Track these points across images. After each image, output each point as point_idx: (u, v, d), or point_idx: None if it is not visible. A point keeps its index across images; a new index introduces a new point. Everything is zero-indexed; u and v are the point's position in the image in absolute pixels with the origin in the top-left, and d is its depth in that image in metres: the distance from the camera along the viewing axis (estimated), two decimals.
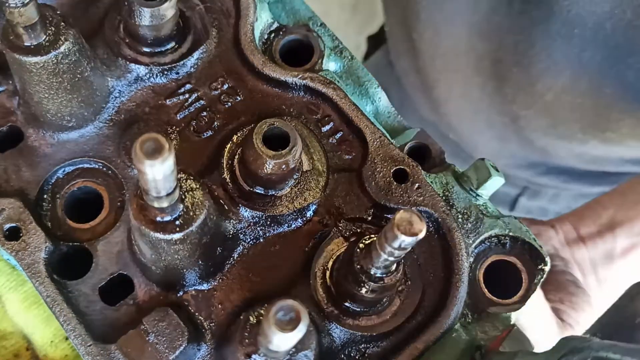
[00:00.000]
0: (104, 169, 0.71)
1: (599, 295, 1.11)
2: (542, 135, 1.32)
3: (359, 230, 0.68)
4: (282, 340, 0.46)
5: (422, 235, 0.52)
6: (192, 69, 0.74)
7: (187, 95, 0.74)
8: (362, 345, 0.66)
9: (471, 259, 0.70)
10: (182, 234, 0.57)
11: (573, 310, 1.06)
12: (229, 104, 0.74)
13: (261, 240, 0.68)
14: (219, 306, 0.66)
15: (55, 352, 0.69)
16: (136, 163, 0.47)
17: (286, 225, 0.69)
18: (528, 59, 1.17)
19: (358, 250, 0.60)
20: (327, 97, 0.73)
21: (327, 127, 0.73)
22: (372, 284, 0.60)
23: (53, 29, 0.64)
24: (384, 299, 0.64)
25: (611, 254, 1.12)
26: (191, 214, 0.57)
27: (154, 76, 0.73)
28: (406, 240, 0.53)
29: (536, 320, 1.01)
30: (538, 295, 1.04)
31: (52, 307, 0.64)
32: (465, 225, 0.71)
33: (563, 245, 1.14)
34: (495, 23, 1.17)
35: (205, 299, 0.66)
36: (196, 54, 0.74)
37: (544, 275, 0.70)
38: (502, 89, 1.27)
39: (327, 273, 0.65)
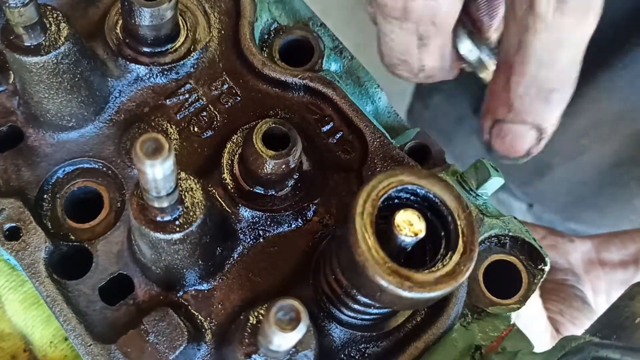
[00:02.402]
0: (104, 168, 0.71)
1: None
2: None
3: None
4: (283, 340, 0.46)
5: (422, 235, 0.52)
6: (192, 69, 0.74)
7: (187, 95, 0.74)
8: (362, 345, 0.66)
9: None
10: (182, 234, 0.57)
11: (572, 324, 1.05)
12: (229, 104, 0.74)
13: (261, 240, 0.68)
14: (219, 306, 0.66)
15: (54, 353, 0.69)
16: (136, 163, 0.47)
17: (286, 225, 0.69)
18: None
19: None
20: (327, 97, 0.73)
21: (327, 127, 0.73)
22: None
23: (53, 28, 0.64)
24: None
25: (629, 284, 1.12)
26: (191, 214, 0.57)
27: (154, 76, 0.73)
28: (406, 241, 0.53)
29: (531, 325, 1.01)
30: (536, 301, 1.04)
31: (52, 307, 0.64)
32: None
33: (579, 262, 1.13)
34: None
35: (205, 298, 0.66)
36: (196, 54, 0.74)
37: (544, 275, 0.70)
38: None
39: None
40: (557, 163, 1.41)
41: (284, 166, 0.63)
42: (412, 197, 0.54)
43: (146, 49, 0.73)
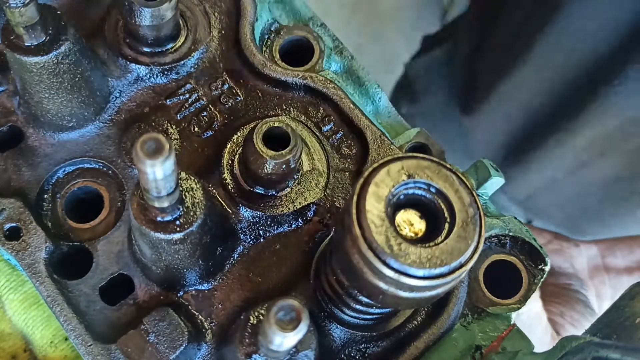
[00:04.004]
0: (104, 168, 0.71)
1: None
2: None
3: None
4: (283, 340, 0.46)
5: (422, 234, 0.52)
6: (193, 69, 0.74)
7: (187, 95, 0.74)
8: (362, 345, 0.66)
9: None
10: (182, 234, 0.57)
11: (572, 326, 1.05)
12: (229, 104, 0.74)
13: (261, 240, 0.68)
14: (219, 306, 0.66)
15: (54, 353, 0.69)
16: (137, 163, 0.47)
17: (286, 225, 0.69)
18: None
19: None
20: (328, 97, 0.73)
21: (327, 127, 0.73)
22: None
23: (53, 28, 0.64)
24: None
25: None
26: (191, 213, 0.57)
27: (155, 76, 0.73)
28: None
29: (531, 325, 1.01)
30: (536, 301, 1.04)
31: (52, 307, 0.64)
32: None
33: (584, 267, 1.12)
34: None
35: (205, 298, 0.66)
36: (196, 54, 0.74)
37: (544, 275, 0.70)
38: None
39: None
40: (559, 177, 1.41)
41: (284, 166, 0.63)
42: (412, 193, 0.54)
43: (146, 49, 0.73)
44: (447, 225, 0.51)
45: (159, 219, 0.56)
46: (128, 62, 0.72)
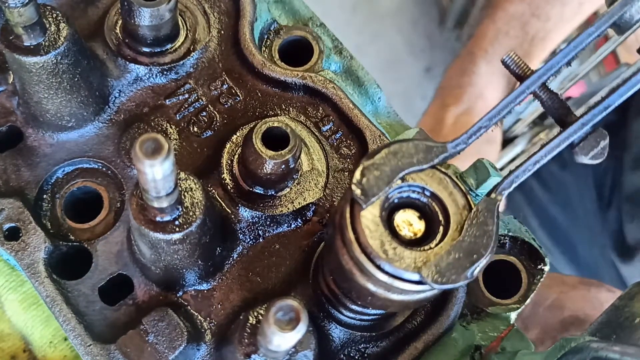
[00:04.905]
0: (104, 169, 0.71)
1: None
2: None
3: None
4: (282, 340, 0.46)
5: (421, 234, 0.52)
6: (192, 69, 0.74)
7: (186, 95, 0.74)
8: (362, 345, 0.66)
9: None
10: (181, 234, 0.57)
11: None
12: (229, 104, 0.74)
13: (261, 240, 0.68)
14: (219, 306, 0.66)
15: (54, 353, 0.69)
16: (136, 163, 0.47)
17: (286, 225, 0.69)
18: None
19: None
20: (327, 97, 0.73)
21: (327, 127, 0.73)
22: None
23: (52, 28, 0.64)
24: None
25: None
26: (190, 214, 0.57)
27: (154, 76, 0.73)
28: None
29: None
30: None
31: (51, 307, 0.64)
32: None
33: None
34: None
35: (204, 299, 0.66)
36: (196, 54, 0.74)
37: (544, 275, 0.70)
38: None
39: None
40: None
41: (283, 166, 0.63)
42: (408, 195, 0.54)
43: (146, 49, 0.72)
44: (441, 228, 0.51)
45: (158, 219, 0.56)
46: (127, 62, 0.72)
